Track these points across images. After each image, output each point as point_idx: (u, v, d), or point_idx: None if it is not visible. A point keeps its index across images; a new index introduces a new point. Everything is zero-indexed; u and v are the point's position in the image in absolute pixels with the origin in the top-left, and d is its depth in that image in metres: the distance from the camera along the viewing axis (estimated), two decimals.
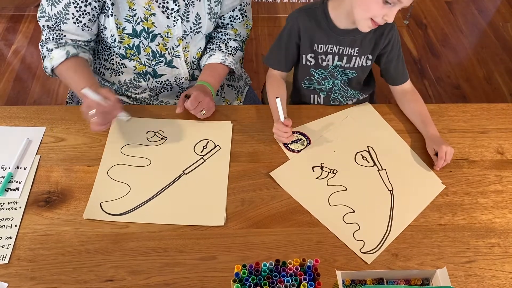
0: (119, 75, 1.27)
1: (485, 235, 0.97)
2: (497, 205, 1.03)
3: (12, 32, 2.57)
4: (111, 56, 1.24)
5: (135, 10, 1.12)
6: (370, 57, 1.18)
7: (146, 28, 1.15)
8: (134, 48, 1.18)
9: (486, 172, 1.09)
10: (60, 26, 1.12)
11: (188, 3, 1.15)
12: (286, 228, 0.97)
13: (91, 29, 1.15)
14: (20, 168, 1.04)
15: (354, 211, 1.00)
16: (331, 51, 1.16)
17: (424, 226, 0.98)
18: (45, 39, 1.15)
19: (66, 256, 0.90)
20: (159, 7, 1.12)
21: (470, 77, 2.50)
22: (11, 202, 0.97)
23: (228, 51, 1.27)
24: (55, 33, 1.13)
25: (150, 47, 1.19)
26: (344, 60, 1.18)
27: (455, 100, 2.36)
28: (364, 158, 1.11)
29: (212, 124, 1.16)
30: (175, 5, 1.13)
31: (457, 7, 2.99)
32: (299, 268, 0.76)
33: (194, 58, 1.28)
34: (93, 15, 1.12)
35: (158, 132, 1.13)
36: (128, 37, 1.16)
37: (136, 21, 1.13)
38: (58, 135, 1.11)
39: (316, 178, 1.06)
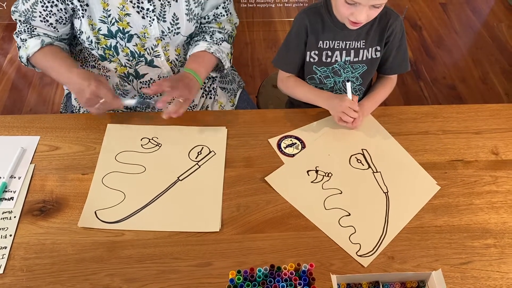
0: (107, 79, 1.27)
1: (481, 236, 0.97)
2: (493, 205, 1.03)
3: (7, 41, 2.57)
4: (97, 61, 1.25)
5: (109, 10, 1.11)
6: (378, 48, 1.19)
7: (121, 28, 1.14)
8: (112, 49, 1.18)
9: (481, 172, 1.10)
10: (30, 22, 1.14)
11: (164, 3, 1.15)
12: (282, 232, 0.96)
13: (58, 30, 1.16)
14: (15, 177, 1.04)
15: (349, 214, 1.00)
16: (337, 47, 1.18)
17: (419, 228, 0.98)
18: (19, 30, 1.17)
19: (61, 265, 0.90)
20: (133, 7, 1.12)
21: (465, 77, 2.51)
22: (6, 212, 0.97)
23: (213, 40, 1.26)
24: (27, 26, 1.16)
25: (128, 48, 1.19)
26: (352, 54, 1.19)
27: (451, 101, 2.37)
28: (359, 161, 1.11)
29: (206, 130, 1.16)
30: (150, 4, 1.13)
31: (451, 8, 3.00)
32: (294, 273, 0.75)
33: (176, 55, 1.27)
34: (60, 17, 1.13)
35: (152, 139, 1.13)
36: (104, 38, 1.16)
37: (111, 21, 1.13)
38: (52, 143, 1.11)
39: (311, 182, 1.06)
